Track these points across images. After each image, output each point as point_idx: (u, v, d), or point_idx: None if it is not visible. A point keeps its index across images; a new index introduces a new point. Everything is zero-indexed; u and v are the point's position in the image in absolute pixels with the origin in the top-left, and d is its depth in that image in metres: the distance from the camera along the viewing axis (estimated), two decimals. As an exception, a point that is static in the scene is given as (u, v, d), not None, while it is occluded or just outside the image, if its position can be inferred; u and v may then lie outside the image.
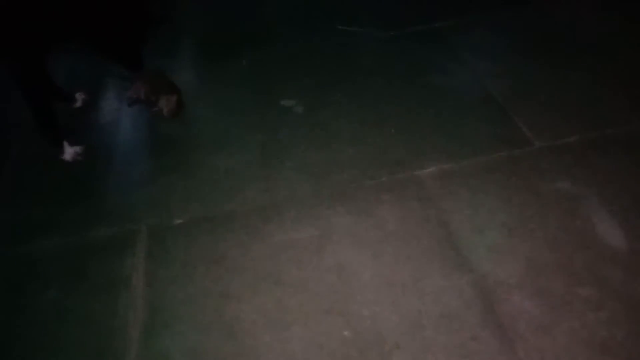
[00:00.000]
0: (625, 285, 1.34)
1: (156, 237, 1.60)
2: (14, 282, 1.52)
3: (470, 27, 2.39)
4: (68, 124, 1.91)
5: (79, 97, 2.08)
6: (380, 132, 1.89)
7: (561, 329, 1.27)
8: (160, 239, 1.60)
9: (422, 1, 2.61)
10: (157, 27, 1.76)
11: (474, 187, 1.65)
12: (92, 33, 1.67)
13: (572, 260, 1.41)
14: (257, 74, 2.23)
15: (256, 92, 2.13)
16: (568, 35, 2.27)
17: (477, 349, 1.25)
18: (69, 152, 1.83)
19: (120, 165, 1.87)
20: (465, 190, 1.65)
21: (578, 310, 1.30)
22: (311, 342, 1.29)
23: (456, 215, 1.57)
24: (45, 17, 1.59)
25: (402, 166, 1.75)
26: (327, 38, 2.41)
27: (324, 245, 1.53)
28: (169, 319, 1.37)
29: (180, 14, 2.65)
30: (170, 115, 1.98)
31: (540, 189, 1.62)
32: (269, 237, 1.57)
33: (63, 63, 2.24)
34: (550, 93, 1.97)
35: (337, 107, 2.02)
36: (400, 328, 1.30)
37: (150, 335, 1.35)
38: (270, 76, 2.21)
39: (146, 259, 1.54)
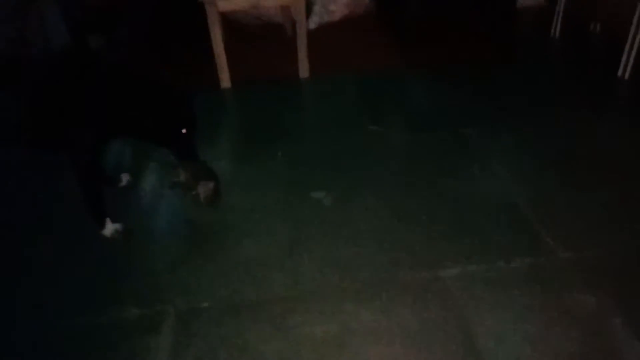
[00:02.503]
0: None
1: (182, 320, 1.65)
2: (41, 359, 1.57)
3: (494, 135, 2.51)
4: (111, 203, 2.03)
5: (124, 178, 2.23)
6: (405, 230, 1.95)
7: None
8: (186, 321, 1.64)
9: (448, 107, 2.77)
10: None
11: (496, 294, 1.67)
12: (156, 128, 1.84)
13: (596, 379, 1.40)
14: (290, 167, 2.37)
15: (288, 183, 2.25)
16: (591, 150, 2.36)
17: None
18: (109, 228, 1.94)
19: (155, 246, 1.96)
20: (488, 295, 1.67)
21: None
22: None
23: (478, 322, 1.58)
24: (113, 114, 1.77)
25: (425, 266, 1.79)
26: (358, 136, 2.56)
27: (345, 342, 1.54)
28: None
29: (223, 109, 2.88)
30: (206, 202, 2.09)
31: (564, 301, 1.63)
32: (292, 329, 1.59)
33: (112, 145, 2.42)
34: (573, 205, 2.03)
35: (364, 202, 2.11)
36: None
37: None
38: (302, 169, 2.34)
39: (171, 341, 1.57)
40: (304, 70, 3.12)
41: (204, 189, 2.11)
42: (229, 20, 3.44)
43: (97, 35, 3.41)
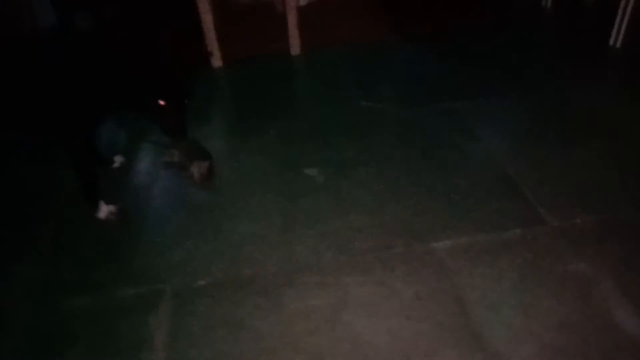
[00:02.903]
0: (641, 372, 1.34)
1: (179, 298, 1.66)
2: (42, 340, 1.58)
3: (487, 108, 2.51)
4: (104, 185, 2.03)
5: (117, 160, 2.22)
6: (398, 203, 1.96)
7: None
8: (183, 300, 1.66)
9: (442, 82, 2.76)
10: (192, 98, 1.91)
11: (489, 264, 1.69)
12: (145, 105, 1.81)
13: (587, 345, 1.42)
14: (282, 144, 2.36)
15: (281, 160, 2.25)
16: (583, 119, 2.37)
17: None
18: (104, 210, 1.95)
19: (150, 227, 1.97)
20: (480, 266, 1.69)
21: (593, 396, 1.30)
22: (325, 413, 1.31)
23: (471, 292, 1.60)
24: (100, 93, 1.75)
25: (419, 238, 1.81)
26: (351, 112, 2.55)
27: (340, 315, 1.57)
28: (187, 381, 1.41)
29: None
30: (201, 181, 2.10)
31: (555, 269, 1.66)
32: (288, 304, 1.62)
33: (104, 127, 2.40)
34: (564, 174, 2.04)
35: (357, 177, 2.11)
36: (413, 404, 1.31)
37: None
38: (295, 146, 2.34)
39: (169, 320, 1.59)
40: (295, 47, 3.09)
41: (197, 168, 2.11)
42: (218, -2, 3.39)
43: (85, 14, 3.35)
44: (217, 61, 3.01)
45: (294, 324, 1.55)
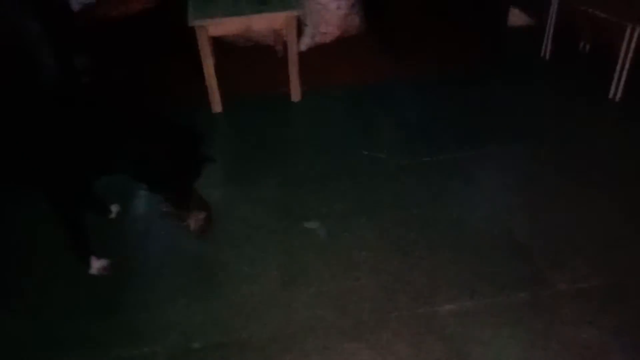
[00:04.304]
0: None
1: (173, 362, 1.59)
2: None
3: (489, 158, 2.49)
4: (99, 236, 1.97)
5: (114, 210, 2.17)
6: (401, 261, 1.91)
7: None
8: (177, 364, 1.58)
9: (443, 129, 2.75)
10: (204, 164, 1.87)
11: (496, 329, 1.63)
12: (142, 169, 1.75)
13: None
14: (283, 194, 2.32)
15: (281, 212, 2.20)
16: (588, 170, 2.35)
17: None
18: (96, 266, 1.88)
19: (144, 283, 1.90)
20: (487, 332, 1.63)
21: None
22: None
23: (478, 359, 1.54)
24: (91, 152, 1.69)
25: (423, 301, 1.75)
26: (352, 162, 2.52)
27: (342, 384, 1.50)
28: None
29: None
30: (198, 232, 2.04)
31: (565, 336, 1.60)
32: (287, 370, 1.55)
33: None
34: (570, 230, 2.01)
35: (359, 233, 2.07)
36: None
37: None
38: (296, 196, 2.29)
39: (161, 387, 1.51)
40: (295, 93, 3.09)
41: (195, 219, 2.05)
42: (219, 42, 3.41)
43: (82, 56, 3.35)
44: (216, 106, 3.00)
45: (293, 394, 1.48)
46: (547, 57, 3.39)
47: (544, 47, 3.40)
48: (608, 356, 1.53)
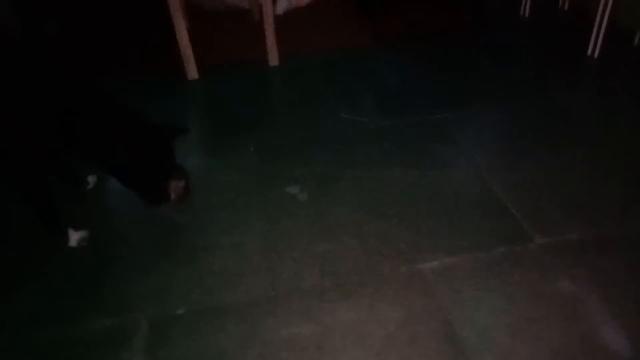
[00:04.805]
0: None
1: (156, 329, 1.58)
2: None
3: (468, 118, 2.49)
4: (76, 208, 1.94)
5: (91, 180, 2.12)
6: (382, 222, 1.92)
7: None
8: (159, 330, 1.58)
9: (422, 90, 2.74)
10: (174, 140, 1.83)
11: (476, 284, 1.66)
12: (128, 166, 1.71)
13: (577, 367, 1.40)
14: (263, 159, 2.30)
15: (261, 178, 2.18)
16: (566, 127, 2.37)
17: None
18: (74, 237, 1.85)
19: (124, 251, 1.88)
20: (467, 287, 1.65)
21: None
22: None
23: (459, 314, 1.56)
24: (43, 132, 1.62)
25: (405, 259, 1.76)
26: (331, 125, 2.50)
27: (325, 343, 1.51)
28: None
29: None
30: (177, 201, 2.01)
31: (543, 288, 1.63)
32: (270, 332, 1.55)
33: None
34: (548, 187, 2.03)
35: (340, 195, 2.06)
36: None
37: None
38: (275, 162, 2.27)
39: (145, 353, 1.51)
40: (273, 58, 3.03)
41: (174, 188, 2.02)
42: (191, 7, 3.31)
43: (49, 21, 3.22)
44: (192, 73, 2.93)
45: (278, 354, 1.49)
46: (527, 15, 3.37)
47: (523, 5, 3.37)
48: (582, 304, 1.56)
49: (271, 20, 2.92)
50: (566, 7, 3.36)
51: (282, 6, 3.53)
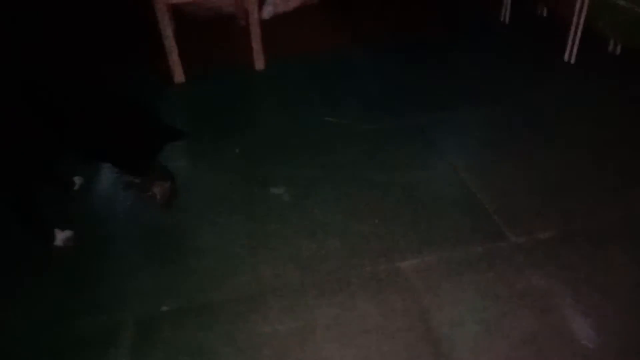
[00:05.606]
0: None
1: (142, 326, 1.62)
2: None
3: (448, 123, 2.56)
4: (62, 209, 1.96)
5: (77, 182, 2.15)
6: (364, 222, 1.97)
7: None
8: (145, 328, 1.61)
9: (403, 94, 2.80)
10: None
11: (453, 282, 1.72)
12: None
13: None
14: (248, 162, 2.34)
15: (246, 179, 2.22)
16: (541, 129, 2.46)
17: None
18: (60, 237, 1.87)
19: (110, 252, 1.91)
20: (445, 284, 1.71)
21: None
22: None
23: (436, 310, 1.62)
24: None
25: (385, 257, 1.82)
26: (316, 128, 2.55)
27: (307, 338, 1.56)
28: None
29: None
30: (163, 202, 2.04)
31: (517, 284, 1.70)
32: (254, 328, 1.59)
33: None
34: (523, 186, 2.11)
35: (323, 196, 2.11)
36: None
37: None
38: (261, 164, 2.32)
39: (131, 350, 1.54)
40: (259, 62, 3.08)
41: (159, 189, 2.05)
42: (178, 12, 3.34)
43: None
44: (178, 76, 2.96)
45: (260, 350, 1.53)
46: (507, 21, 3.45)
47: (503, 11, 3.46)
48: (554, 299, 1.63)
49: (257, 25, 2.97)
50: (544, 13, 3.45)
51: (268, 11, 3.58)
